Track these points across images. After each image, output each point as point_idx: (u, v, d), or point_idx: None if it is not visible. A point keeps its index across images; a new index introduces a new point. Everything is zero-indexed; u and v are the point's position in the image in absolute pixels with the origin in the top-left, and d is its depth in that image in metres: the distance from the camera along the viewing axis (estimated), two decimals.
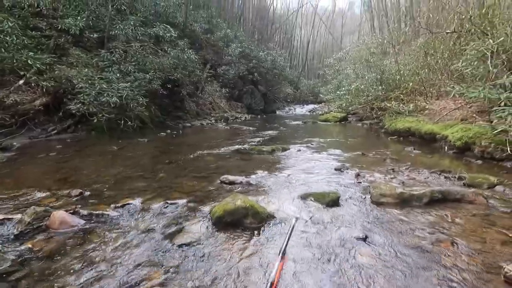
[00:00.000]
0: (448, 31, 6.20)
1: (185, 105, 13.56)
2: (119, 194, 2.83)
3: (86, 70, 7.86)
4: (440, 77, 7.73)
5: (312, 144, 5.84)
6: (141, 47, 9.32)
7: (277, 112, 20.54)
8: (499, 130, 3.64)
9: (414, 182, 3.13)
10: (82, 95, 7.05)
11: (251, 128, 9.46)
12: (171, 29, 9.69)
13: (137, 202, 2.56)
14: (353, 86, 8.87)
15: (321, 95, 16.17)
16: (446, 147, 5.00)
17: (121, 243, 1.89)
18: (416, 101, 7.59)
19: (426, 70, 7.76)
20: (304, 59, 37.60)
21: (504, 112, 3.64)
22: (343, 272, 1.58)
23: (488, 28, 5.44)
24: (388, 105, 7.91)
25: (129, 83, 8.29)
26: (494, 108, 3.92)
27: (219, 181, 3.20)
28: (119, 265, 1.65)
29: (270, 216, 2.22)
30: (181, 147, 5.89)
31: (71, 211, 2.28)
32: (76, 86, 7.15)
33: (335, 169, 3.72)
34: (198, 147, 5.69)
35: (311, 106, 23.34)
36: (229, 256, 1.75)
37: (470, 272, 1.55)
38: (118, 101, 7.28)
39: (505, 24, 5.37)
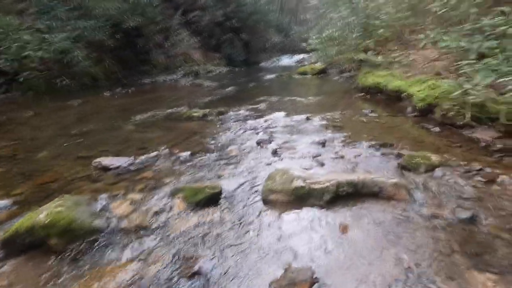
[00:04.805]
0: None
1: (151, 57, 12.29)
2: None
3: (9, 18, 6.65)
4: (427, 21, 6.59)
5: (261, 105, 5.05)
6: None
7: (262, 64, 19.05)
8: (460, 91, 2.86)
9: (337, 162, 2.47)
10: (1, 48, 6.02)
11: (214, 84, 8.51)
12: None
13: None
14: (324, 34, 7.68)
15: (304, 44, 14.69)
16: (409, 109, 4.25)
17: None
18: (395, 51, 6.58)
19: (410, 12, 6.57)
20: (297, 2, 34.21)
21: (469, 67, 2.82)
22: None
23: None
24: (365, 55, 6.90)
25: (66, 34, 7.13)
26: (462, 62, 3.08)
27: (92, 166, 2.54)
28: None
29: (90, 233, 1.59)
30: (112, 111, 5.11)
31: None
32: None
33: (257, 143, 3.04)
34: (130, 112, 4.92)
35: (301, 56, 21.52)
36: None
37: None
38: (46, 55, 6.25)
39: None
